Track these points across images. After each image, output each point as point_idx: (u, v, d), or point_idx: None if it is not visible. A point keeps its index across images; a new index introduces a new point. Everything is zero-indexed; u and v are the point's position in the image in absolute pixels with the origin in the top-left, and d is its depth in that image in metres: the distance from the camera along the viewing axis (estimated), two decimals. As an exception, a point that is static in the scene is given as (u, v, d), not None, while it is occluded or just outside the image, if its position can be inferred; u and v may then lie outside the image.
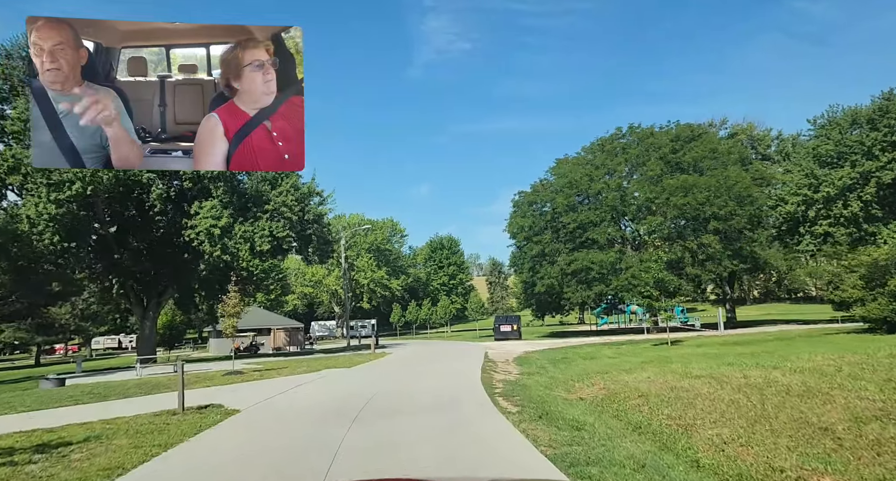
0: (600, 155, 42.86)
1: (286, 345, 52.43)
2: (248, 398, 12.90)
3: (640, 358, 20.85)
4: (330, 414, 10.24)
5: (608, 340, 35.41)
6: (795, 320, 47.09)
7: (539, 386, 13.64)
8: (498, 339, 42.98)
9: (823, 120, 37.99)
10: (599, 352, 25.41)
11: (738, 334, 31.02)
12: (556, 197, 41.30)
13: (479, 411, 10.26)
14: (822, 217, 34.69)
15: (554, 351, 27.79)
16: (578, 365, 19.57)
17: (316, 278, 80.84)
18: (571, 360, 21.46)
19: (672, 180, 36.89)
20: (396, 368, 20.70)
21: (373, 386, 14.04)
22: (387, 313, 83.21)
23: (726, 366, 13.55)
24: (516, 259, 46.53)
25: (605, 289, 39.15)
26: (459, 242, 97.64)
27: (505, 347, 32.86)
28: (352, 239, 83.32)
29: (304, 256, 38.91)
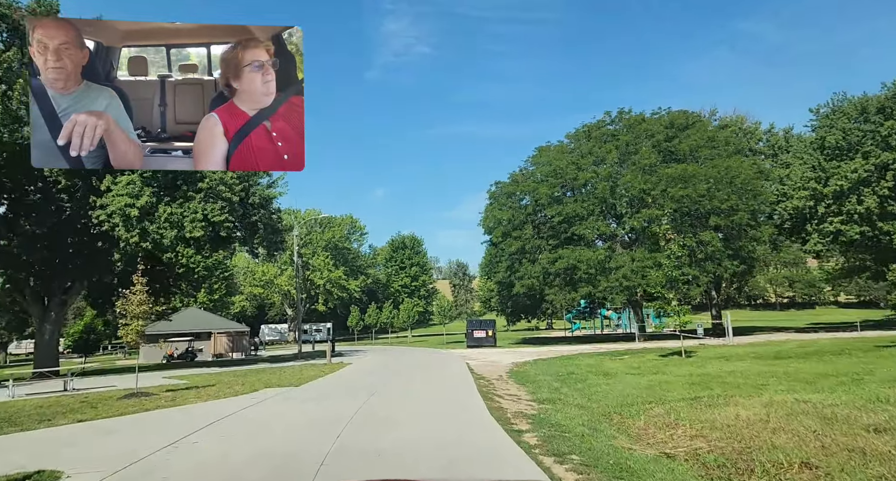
0: (586, 142, 38.74)
1: (229, 352, 46.21)
2: (105, 457, 7.57)
3: (669, 374, 16.47)
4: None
5: (598, 349, 31.17)
6: (784, 327, 44.15)
7: (582, 428, 8.87)
8: (471, 346, 38.24)
9: (827, 109, 34.97)
10: (605, 364, 20.98)
11: (755, 343, 27.20)
12: (539, 187, 36.90)
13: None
14: (833, 213, 31.41)
15: (547, 362, 23.22)
16: (598, 385, 15.01)
17: (267, 277, 74.23)
18: (583, 378, 16.88)
19: (670, 169, 33.01)
20: (361, 388, 15.57)
21: (330, 430, 8.94)
22: (344, 316, 77.24)
23: (852, 394, 9.14)
24: (492, 257, 41.84)
25: (593, 290, 34.95)
26: (423, 242, 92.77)
27: (485, 356, 28.11)
28: (307, 235, 77.14)
29: (249, 248, 33.10)
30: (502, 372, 19.73)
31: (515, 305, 44.42)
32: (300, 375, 20.31)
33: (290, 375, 20.57)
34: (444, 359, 27.55)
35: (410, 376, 19.15)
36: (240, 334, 49.15)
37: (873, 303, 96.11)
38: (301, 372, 22.19)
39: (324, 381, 18.25)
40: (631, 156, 36.00)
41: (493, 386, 15.44)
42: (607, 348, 31.17)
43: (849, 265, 50.02)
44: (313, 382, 17.84)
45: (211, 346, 46.84)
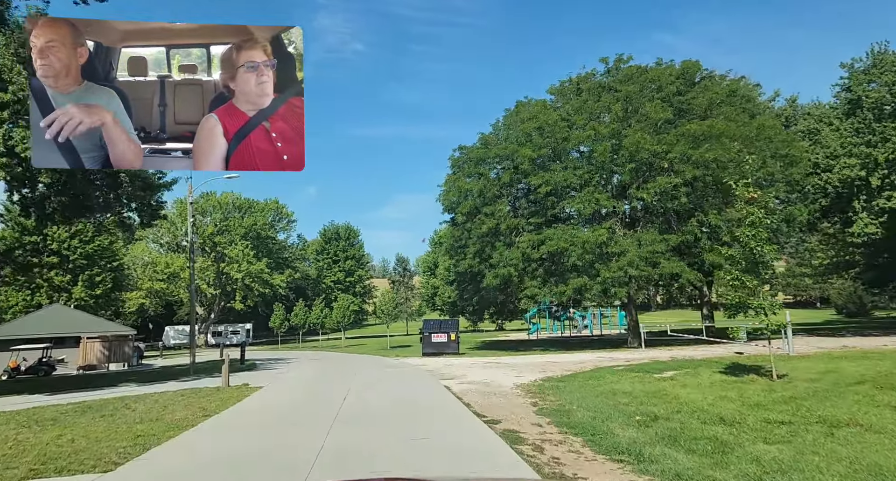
0: (575, 98, 30.91)
1: (103, 362, 34.99)
2: None
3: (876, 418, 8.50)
4: None
5: (599, 358, 23.34)
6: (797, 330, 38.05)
7: None
8: (428, 354, 29.45)
9: (863, 63, 28.92)
10: (675, 393, 12.87)
11: (836, 352, 20.13)
12: (520, 149, 28.63)
13: None
14: (890, 186, 25.09)
15: (574, 385, 14.88)
16: (743, 446, 6.76)
17: (171, 270, 62.04)
18: (695, 433, 8.58)
19: (692, 125, 25.57)
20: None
21: None
22: (267, 316, 66.06)
23: None
24: (455, 241, 33.14)
25: (588, 282, 27.06)
26: (359, 233, 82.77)
27: (461, 371, 19.37)
28: (223, 221, 65.45)
29: (112, 214, 22.61)
30: (523, 410, 11.15)
31: (483, 302, 36.03)
32: (145, 426, 10.68)
33: (123, 426, 10.84)
34: (407, 378, 18.66)
35: (370, 427, 10.03)
36: (120, 339, 37.72)
37: (810, 303, 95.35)
38: (163, 410, 12.57)
39: (177, 452, 8.77)
40: (634, 113, 28.46)
41: (559, 462, 6.80)
42: (609, 358, 23.39)
43: (837, 259, 45.41)
44: (150, 456, 8.34)
45: (80, 355, 35.47)
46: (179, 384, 19.57)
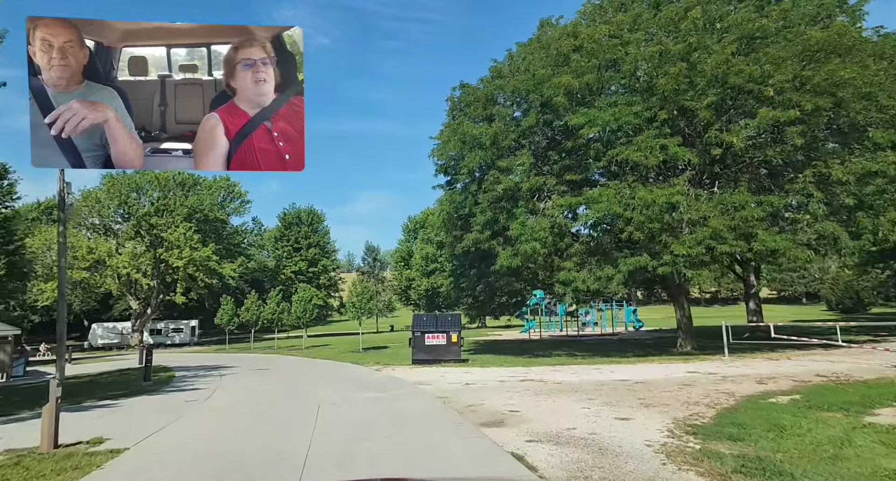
0: (619, 14, 22.71)
1: (-38, 375, 25.31)
2: None
3: None
4: None
5: (669, 373, 15.38)
6: (814, 331, 30.83)
7: None
8: (420, 361, 20.97)
9: None
10: None
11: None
12: (554, 77, 20.32)
13: None
14: None
15: (753, 437, 6.73)
16: None
17: (96, 256, 51.59)
18: None
19: (816, 31, 17.71)
20: None
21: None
22: (215, 310, 56.13)
23: None
24: (457, 209, 24.52)
25: (653, 263, 19.02)
26: (324, 217, 73.27)
27: (508, 405, 10.43)
28: (162, 200, 55.32)
29: None
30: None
31: (489, 291, 27.59)
32: None
33: None
34: (413, 418, 9.76)
35: None
36: (1, 341, 28.00)
37: (795, 299, 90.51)
38: None
39: None
40: (711, 27, 20.47)
41: None
42: (706, 372, 15.42)
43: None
44: None
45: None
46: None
